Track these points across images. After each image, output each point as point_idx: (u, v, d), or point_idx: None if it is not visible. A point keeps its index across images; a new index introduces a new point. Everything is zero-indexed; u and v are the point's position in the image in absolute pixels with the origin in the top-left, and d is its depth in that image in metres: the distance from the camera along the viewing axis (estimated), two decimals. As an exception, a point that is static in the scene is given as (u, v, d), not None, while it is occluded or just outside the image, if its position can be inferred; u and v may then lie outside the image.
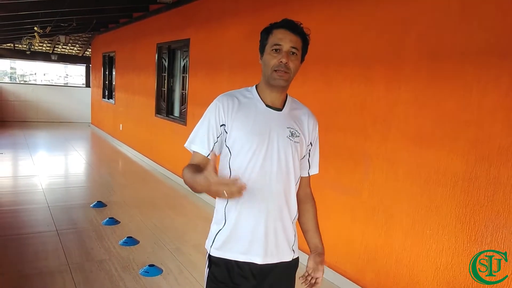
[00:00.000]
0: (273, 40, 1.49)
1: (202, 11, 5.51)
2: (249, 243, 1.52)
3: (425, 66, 2.58)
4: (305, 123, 1.62)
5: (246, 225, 1.52)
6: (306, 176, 1.71)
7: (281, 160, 1.51)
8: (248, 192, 1.47)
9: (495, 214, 2.23)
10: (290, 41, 1.48)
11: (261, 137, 1.49)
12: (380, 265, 2.91)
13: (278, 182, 1.52)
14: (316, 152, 1.69)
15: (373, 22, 2.93)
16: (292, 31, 1.49)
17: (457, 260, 2.40)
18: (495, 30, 2.23)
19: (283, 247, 1.58)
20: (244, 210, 1.51)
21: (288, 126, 1.55)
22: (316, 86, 3.45)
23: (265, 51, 1.52)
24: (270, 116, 1.54)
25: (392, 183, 2.80)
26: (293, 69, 1.50)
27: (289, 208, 1.57)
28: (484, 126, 2.28)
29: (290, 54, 1.48)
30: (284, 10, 3.80)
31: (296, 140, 1.54)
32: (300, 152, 1.58)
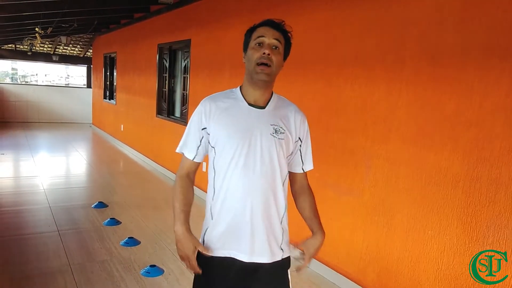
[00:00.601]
0: (256, 35, 1.54)
1: (203, 12, 5.52)
2: (234, 241, 1.53)
3: (425, 66, 2.58)
4: (292, 119, 1.62)
5: (231, 223, 1.53)
6: (301, 172, 1.71)
7: (265, 158, 1.52)
8: (232, 191, 1.52)
9: (496, 214, 2.23)
10: (272, 35, 1.52)
11: (243, 136, 1.51)
12: (381, 266, 2.91)
13: (262, 180, 1.52)
14: (308, 148, 1.70)
15: (374, 23, 2.93)
16: (275, 28, 1.54)
17: (458, 261, 2.40)
18: (495, 30, 2.23)
19: (271, 246, 1.56)
20: (229, 208, 1.53)
21: (272, 123, 1.55)
22: (317, 87, 3.45)
23: (249, 47, 1.56)
24: (253, 114, 1.55)
25: (393, 184, 2.80)
26: (276, 63, 1.52)
27: (276, 206, 1.57)
28: (485, 126, 2.28)
29: (273, 48, 1.51)
30: (285, 11, 3.80)
31: (280, 137, 1.54)
32: (286, 149, 1.58)
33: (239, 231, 1.52)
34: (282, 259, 1.61)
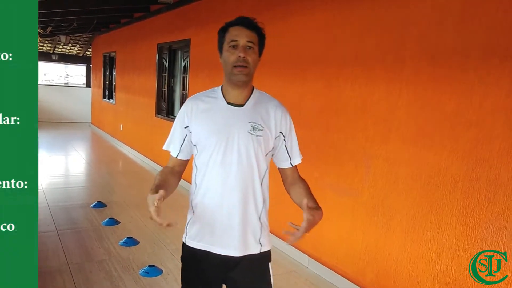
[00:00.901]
0: (229, 37, 1.56)
1: (202, 11, 5.51)
2: (213, 235, 1.59)
3: (425, 67, 2.58)
4: (272, 115, 1.64)
5: (209, 218, 1.60)
6: (289, 167, 1.73)
7: (242, 155, 1.56)
8: (210, 187, 1.59)
9: (495, 215, 2.23)
10: (246, 36, 1.55)
11: (221, 134, 1.56)
12: (380, 266, 2.91)
13: (239, 177, 1.57)
14: (294, 141, 1.72)
15: (374, 23, 2.93)
16: (247, 27, 1.56)
17: (457, 262, 2.40)
18: (495, 31, 2.23)
19: (248, 240, 1.61)
20: (208, 203, 1.60)
21: (250, 121, 1.58)
22: (316, 87, 3.45)
23: (223, 49, 1.59)
24: (231, 113, 1.60)
25: (393, 184, 2.80)
26: (252, 63, 1.55)
27: (254, 202, 1.61)
28: (484, 127, 2.27)
29: (247, 49, 1.54)
30: (284, 11, 3.80)
31: (258, 134, 1.58)
32: (265, 146, 1.61)
33: (217, 226, 1.58)
34: (261, 252, 1.65)
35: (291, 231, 1.46)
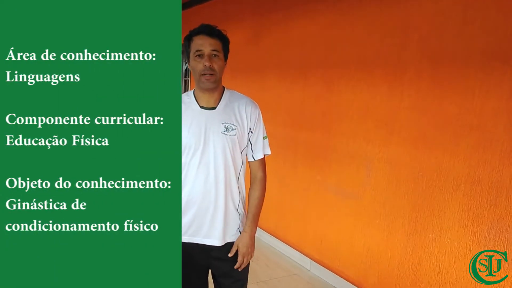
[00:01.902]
0: (194, 47, 1.66)
1: (204, 15, 5.53)
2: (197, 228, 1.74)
3: (427, 70, 2.58)
4: (243, 112, 1.75)
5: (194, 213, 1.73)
6: (252, 160, 1.84)
7: (218, 156, 1.69)
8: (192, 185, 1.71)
9: (497, 217, 2.23)
10: (209, 44, 1.64)
11: (197, 137, 1.67)
12: (382, 269, 2.91)
13: (217, 176, 1.70)
14: (259, 136, 1.81)
15: (375, 27, 2.94)
16: (210, 35, 1.66)
17: (459, 264, 2.40)
18: (497, 34, 2.23)
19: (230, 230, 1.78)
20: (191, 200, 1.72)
21: (223, 122, 1.70)
22: (318, 91, 3.46)
23: (190, 58, 1.69)
24: (204, 116, 1.70)
25: (395, 187, 2.81)
26: (218, 70, 1.66)
27: (231, 196, 1.77)
28: (486, 129, 2.28)
29: (213, 57, 1.64)
30: (286, 15, 3.81)
31: (232, 133, 1.70)
32: (240, 143, 1.74)
33: (200, 219, 1.73)
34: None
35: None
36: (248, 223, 1.82)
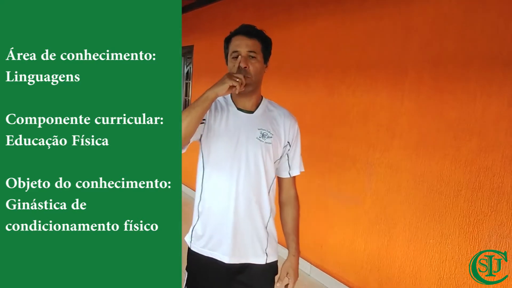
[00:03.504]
0: (231, 48, 1.55)
1: (206, 18, 5.55)
2: (217, 242, 1.57)
3: (427, 75, 2.58)
4: (281, 123, 1.63)
5: (215, 224, 1.57)
6: (287, 177, 1.71)
7: (250, 162, 1.54)
8: (217, 192, 1.57)
9: (498, 224, 2.22)
10: (246, 45, 1.52)
11: (230, 140, 1.54)
12: (383, 274, 2.90)
13: (246, 183, 1.54)
14: (297, 152, 1.69)
15: (376, 31, 2.94)
16: (248, 36, 1.53)
17: (460, 270, 2.39)
18: (498, 38, 2.23)
19: (254, 249, 1.60)
20: (213, 208, 1.57)
21: (260, 128, 1.57)
22: (319, 95, 3.46)
23: (228, 60, 1.58)
24: (241, 118, 1.57)
25: (395, 192, 2.80)
26: (254, 72, 1.52)
27: (260, 211, 1.59)
28: (487, 135, 2.27)
29: (249, 58, 1.52)
30: (287, 19, 3.82)
31: (267, 141, 1.56)
32: (273, 153, 1.59)
33: (222, 233, 1.56)
34: (267, 263, 1.63)
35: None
36: (294, 245, 1.69)
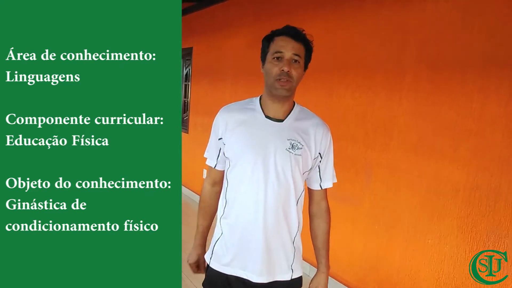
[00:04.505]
0: (274, 48, 1.43)
1: (205, 20, 5.55)
2: (242, 258, 1.48)
3: (425, 75, 2.59)
4: (312, 133, 1.53)
5: (241, 239, 1.47)
6: (318, 189, 1.63)
7: (279, 174, 1.44)
8: (242, 205, 1.47)
9: (496, 223, 2.23)
10: (292, 48, 1.41)
11: (258, 150, 1.44)
12: (381, 275, 2.90)
13: (275, 196, 1.45)
14: (329, 164, 1.60)
15: (375, 32, 2.95)
16: (294, 38, 1.43)
17: (458, 270, 2.40)
18: (495, 39, 2.24)
19: (280, 265, 1.51)
20: (240, 223, 1.48)
21: (289, 138, 1.47)
22: (318, 95, 3.47)
23: (267, 60, 1.45)
24: (269, 128, 1.47)
25: (393, 193, 2.81)
26: (296, 78, 1.43)
27: (288, 224, 1.50)
28: (485, 135, 2.28)
29: (293, 62, 1.42)
30: (287, 20, 3.80)
31: (297, 153, 1.46)
32: (303, 165, 1.50)
33: (249, 249, 1.47)
34: (292, 279, 1.54)
35: None
36: (324, 261, 1.62)
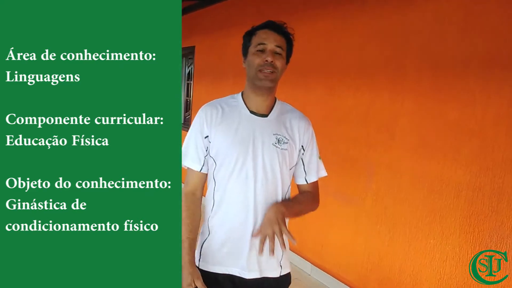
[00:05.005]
0: (257, 41, 1.45)
1: (207, 19, 5.55)
2: (233, 256, 1.47)
3: (427, 76, 2.58)
4: (296, 127, 1.53)
5: (230, 237, 1.46)
6: (304, 183, 1.62)
7: (267, 169, 1.44)
8: (231, 203, 1.45)
9: (499, 224, 2.22)
10: (274, 40, 1.44)
11: (244, 146, 1.43)
12: (383, 274, 2.90)
13: (263, 193, 1.44)
14: (313, 157, 1.60)
15: (376, 32, 2.94)
16: (276, 31, 1.47)
17: (460, 270, 2.39)
18: (497, 40, 2.23)
19: (270, 262, 1.49)
20: (229, 222, 1.46)
21: (275, 133, 1.47)
22: (319, 95, 3.46)
23: (249, 53, 1.47)
24: (255, 123, 1.47)
25: (396, 192, 2.80)
26: (280, 68, 1.44)
27: None
28: (487, 136, 2.27)
29: (275, 54, 1.43)
30: (287, 20, 3.78)
31: (283, 147, 1.46)
32: (289, 160, 1.50)
33: (239, 246, 1.46)
34: (281, 276, 1.54)
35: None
36: (287, 203, 1.50)
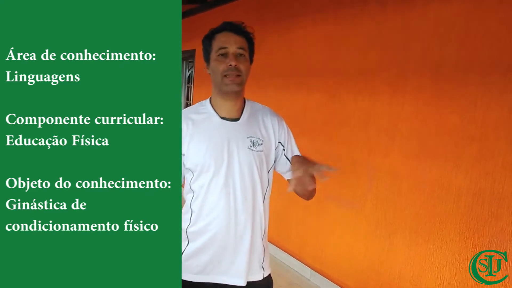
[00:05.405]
0: (217, 45, 1.43)
1: (207, 23, 5.54)
2: (217, 263, 1.46)
3: (428, 80, 2.59)
4: (269, 124, 1.53)
5: (212, 245, 1.45)
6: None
7: (244, 175, 1.44)
8: (212, 212, 1.44)
9: (499, 230, 2.22)
10: (235, 42, 1.42)
11: (220, 153, 1.42)
12: (383, 280, 2.89)
13: (244, 199, 1.44)
14: (295, 151, 1.59)
15: (377, 37, 2.95)
16: (236, 33, 1.45)
17: (460, 276, 2.38)
18: (498, 45, 2.24)
19: (253, 266, 1.49)
20: (209, 230, 1.45)
21: (249, 136, 1.46)
22: (320, 99, 3.46)
23: (211, 58, 1.45)
24: (227, 128, 1.45)
25: (396, 197, 2.80)
26: (244, 71, 1.43)
27: (258, 224, 1.49)
28: (488, 141, 2.27)
29: (238, 56, 1.42)
30: (289, 24, 3.83)
31: (258, 149, 1.45)
32: (266, 161, 1.49)
33: (221, 254, 1.45)
34: (264, 278, 1.54)
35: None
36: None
